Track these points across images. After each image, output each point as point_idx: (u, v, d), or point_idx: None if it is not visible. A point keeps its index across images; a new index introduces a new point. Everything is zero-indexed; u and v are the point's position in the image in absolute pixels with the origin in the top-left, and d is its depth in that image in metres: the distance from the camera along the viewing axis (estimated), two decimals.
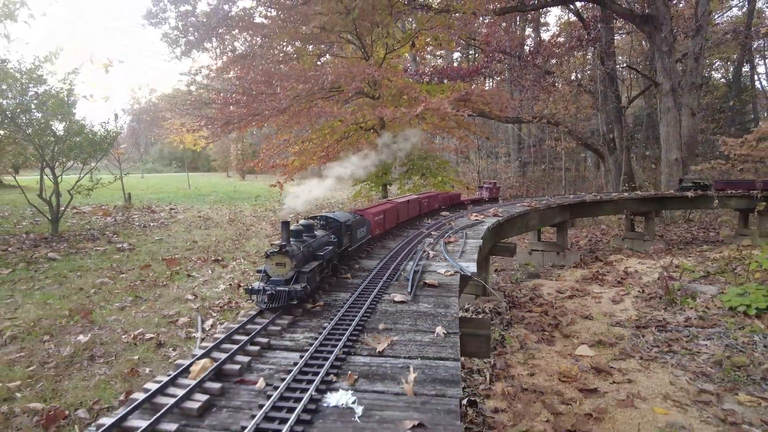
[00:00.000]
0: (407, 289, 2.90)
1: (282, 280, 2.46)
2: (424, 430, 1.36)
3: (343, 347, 1.97)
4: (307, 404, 1.49)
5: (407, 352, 1.95)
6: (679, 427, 3.73)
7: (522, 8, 19.10)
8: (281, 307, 2.41)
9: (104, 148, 12.10)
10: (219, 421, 1.48)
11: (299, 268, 2.53)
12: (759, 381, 4.38)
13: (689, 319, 5.88)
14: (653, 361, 4.93)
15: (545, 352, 5.19)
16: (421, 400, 1.53)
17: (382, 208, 4.87)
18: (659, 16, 17.67)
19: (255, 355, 1.96)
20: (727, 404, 4.06)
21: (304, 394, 1.56)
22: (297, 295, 2.39)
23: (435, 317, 2.41)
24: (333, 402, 1.51)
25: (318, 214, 3.50)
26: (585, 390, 4.37)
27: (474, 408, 4.03)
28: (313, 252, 2.82)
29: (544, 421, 3.87)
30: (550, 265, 9.18)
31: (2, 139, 10.47)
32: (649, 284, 7.43)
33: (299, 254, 2.59)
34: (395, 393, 1.58)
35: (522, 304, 6.70)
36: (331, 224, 3.41)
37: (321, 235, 3.13)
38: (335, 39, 14.97)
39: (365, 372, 1.78)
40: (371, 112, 12.67)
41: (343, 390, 1.59)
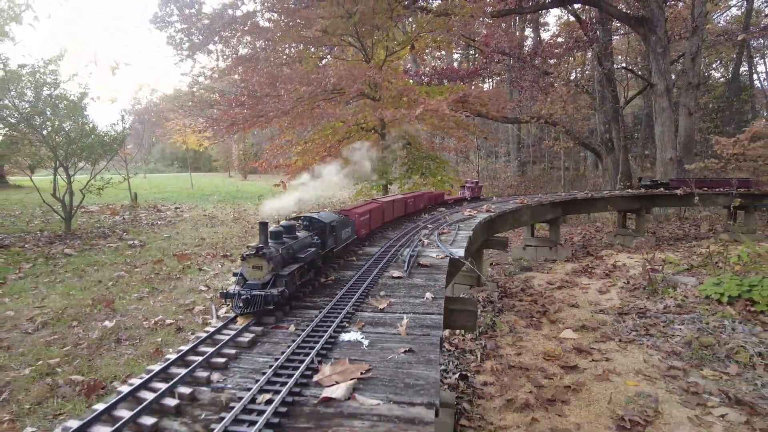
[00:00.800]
0: (404, 268, 3.41)
1: (259, 283, 2.39)
2: (413, 354, 1.86)
3: (352, 306, 2.50)
4: (327, 339, 2.00)
5: (402, 309, 2.45)
6: (647, 396, 4.24)
7: (520, 11, 19.62)
8: (257, 313, 2.34)
9: (114, 148, 12.62)
10: (264, 350, 2.00)
11: (277, 271, 2.47)
12: (723, 358, 4.89)
13: (668, 307, 6.39)
14: (631, 343, 5.44)
15: (532, 336, 5.71)
16: (411, 337, 2.04)
17: (367, 208, 4.82)
18: (653, 19, 18.18)
19: (285, 312, 2.50)
20: (692, 378, 4.57)
21: (324, 333, 2.07)
22: (274, 300, 2.32)
23: (425, 288, 2.92)
24: (346, 338, 2.02)
25: (302, 215, 3.44)
26: (566, 367, 4.88)
27: (465, 381, 4.54)
28: (293, 254, 2.75)
29: (527, 392, 4.38)
30: (542, 260, 9.70)
31: (18, 140, 10.99)
32: (634, 276, 7.95)
33: (277, 257, 2.52)
34: (392, 333, 2.09)
35: (513, 294, 7.22)
36: (315, 225, 3.35)
37: (303, 236, 3.07)
38: (337, 42, 15.48)
39: (370, 321, 2.30)
40: (372, 114, 13.18)
41: (353, 332, 2.10)
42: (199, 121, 15.95)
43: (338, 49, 16.89)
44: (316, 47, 15.97)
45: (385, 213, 5.46)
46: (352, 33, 15.01)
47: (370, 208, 4.89)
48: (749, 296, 6.16)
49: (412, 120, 12.36)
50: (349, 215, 4.22)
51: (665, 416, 3.93)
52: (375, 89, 14.40)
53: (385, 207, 5.48)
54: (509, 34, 23.41)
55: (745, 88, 30.15)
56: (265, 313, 2.34)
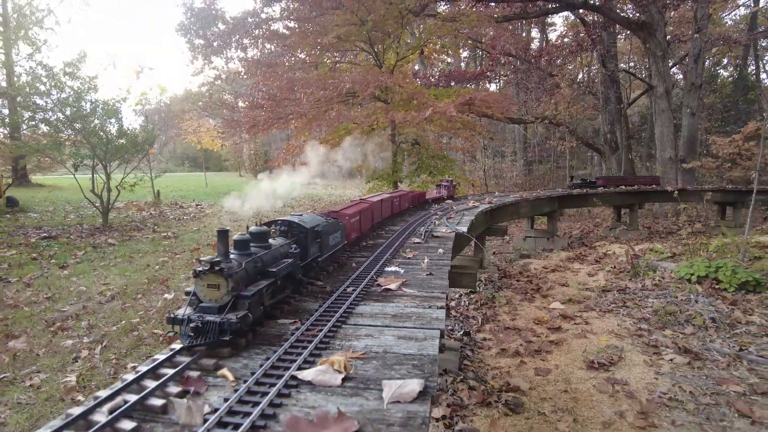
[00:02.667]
0: (422, 237, 4.56)
1: (215, 306, 2.00)
2: (432, 276, 3.00)
3: (390, 255, 3.65)
4: (377, 271, 3.15)
5: (422, 257, 3.60)
6: (614, 347, 5.36)
7: (524, 16, 20.73)
8: (211, 344, 1.92)
9: (144, 148, 13.86)
10: (344, 272, 3.15)
11: (239, 290, 2.08)
12: (682, 322, 5.99)
13: (645, 286, 7.50)
14: (609, 312, 6.56)
15: (526, 307, 6.84)
16: (430, 270, 3.19)
17: (357, 209, 4.45)
18: (653, 23, 19.18)
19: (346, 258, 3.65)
20: (654, 336, 5.68)
21: (374, 268, 3.22)
22: (232, 328, 1.91)
23: (437, 248, 4.06)
24: (390, 269, 3.18)
25: (280, 219, 3.05)
26: (552, 328, 6.01)
27: (468, 336, 5.69)
28: (263, 268, 2.37)
29: (518, 345, 5.51)
30: (541, 249, 10.79)
31: (63, 141, 12.25)
32: (620, 262, 9.05)
33: (240, 272, 2.14)
34: (418, 268, 3.24)
35: (512, 275, 8.35)
36: (294, 231, 2.96)
37: (278, 244, 2.70)
38: (350, 47, 16.67)
39: (403, 263, 3.45)
40: (384, 116, 14.34)
41: (394, 267, 3.26)
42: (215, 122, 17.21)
43: (351, 54, 18.07)
44: (330, 52, 17.17)
45: (374, 214, 5.09)
46: (365, 39, 16.17)
47: (360, 209, 4.50)
48: (715, 276, 7.26)
49: (421, 122, 13.48)
50: (339, 217, 3.84)
51: (626, 360, 5.06)
52: (386, 93, 15.53)
53: (374, 208, 5.07)
54: (516, 36, 24.50)
55: (752, 87, 30.83)
56: (220, 344, 1.91)
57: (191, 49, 17.59)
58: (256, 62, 16.39)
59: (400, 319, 2.27)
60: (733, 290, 6.93)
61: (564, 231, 13.01)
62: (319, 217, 3.36)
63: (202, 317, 1.91)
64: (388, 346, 1.93)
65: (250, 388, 1.61)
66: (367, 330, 2.13)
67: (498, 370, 4.88)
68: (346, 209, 4.23)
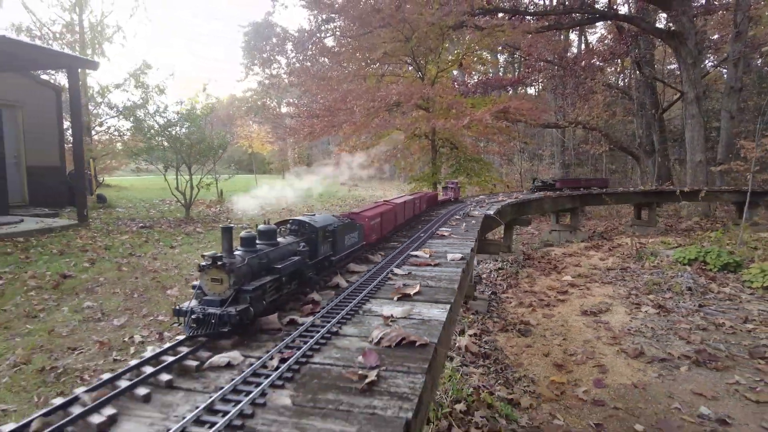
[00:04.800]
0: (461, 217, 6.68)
1: (218, 299, 2.14)
2: (467, 232, 5.10)
3: (430, 231, 5.77)
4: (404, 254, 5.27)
5: (460, 228, 5.70)
6: (605, 303, 7.33)
7: (559, 26, 22.46)
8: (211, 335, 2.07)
9: (218, 153, 16.49)
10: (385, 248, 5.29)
11: (241, 284, 2.23)
12: (665, 290, 7.87)
13: (644, 266, 9.36)
14: (608, 284, 8.50)
15: (543, 279, 8.84)
16: (466, 231, 5.29)
17: (378, 211, 4.61)
18: (684, 32, 20.61)
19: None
20: (640, 298, 7.60)
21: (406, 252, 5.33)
22: (231, 321, 2.05)
23: (470, 222, 6.15)
24: (440, 231, 5.30)
25: (291, 218, 3.23)
26: (560, 292, 8.01)
27: (495, 295, 7.76)
28: (268, 264, 2.55)
29: (532, 301, 7.55)
30: (564, 241, 12.66)
31: (155, 146, 14.96)
32: (630, 250, 10.88)
33: (243, 268, 2.28)
34: (460, 230, 5.35)
35: (534, 258, 10.33)
36: (304, 230, 3.14)
37: (286, 242, 2.87)
38: (396, 61, 18.94)
39: (450, 226, 5.55)
40: (425, 123, 16.49)
41: (444, 228, 5.39)
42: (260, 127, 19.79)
43: (396, 67, 20.32)
44: (378, 66, 19.50)
45: (397, 216, 5.28)
46: (409, 54, 18.36)
47: (382, 210, 4.67)
48: (704, 259, 9.06)
49: (459, 128, 15.50)
50: (357, 218, 4.04)
51: (612, 311, 7.03)
52: (428, 102, 17.64)
53: (398, 210, 5.28)
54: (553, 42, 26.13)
55: None
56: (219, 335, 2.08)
57: (248, 59, 20.35)
58: (311, 76, 18.84)
59: (451, 244, 4.41)
60: (717, 270, 8.73)
61: (590, 228, 14.79)
62: (332, 217, 3.48)
63: (204, 309, 2.06)
64: (447, 250, 4.08)
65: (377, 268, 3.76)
66: (436, 247, 4.29)
67: (515, 314, 6.95)
68: (365, 211, 4.44)
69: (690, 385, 4.77)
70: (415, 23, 16.43)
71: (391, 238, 4.90)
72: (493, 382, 4.79)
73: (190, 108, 15.97)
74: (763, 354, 5.38)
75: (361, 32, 18.03)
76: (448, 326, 2.29)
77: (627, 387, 4.79)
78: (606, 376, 5.02)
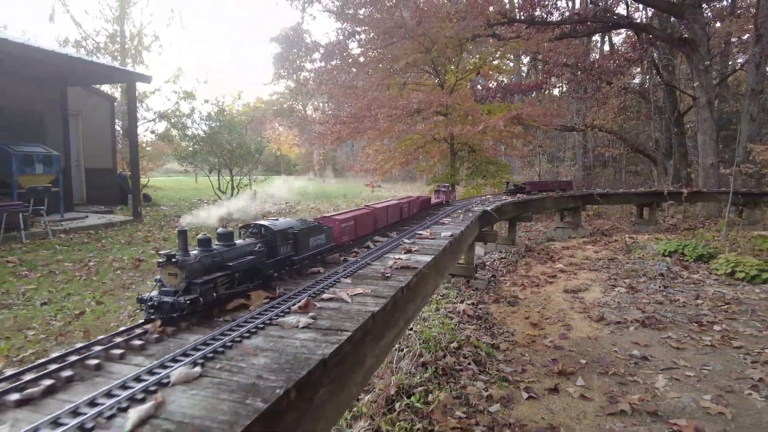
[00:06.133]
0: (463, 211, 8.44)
1: (172, 290, 2.55)
2: (463, 218, 6.85)
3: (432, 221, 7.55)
4: (413, 234, 7.05)
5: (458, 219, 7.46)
6: (585, 284, 9.00)
7: (574, 35, 23.91)
8: (167, 320, 2.47)
9: (255, 158, 18.58)
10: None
11: (192, 278, 2.61)
12: (640, 275, 9.49)
13: (630, 258, 10.96)
14: (594, 270, 10.14)
15: (538, 267, 10.53)
16: (462, 218, 7.05)
17: (352, 214, 5.03)
18: (696, 39, 21.87)
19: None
20: (617, 282, 9.23)
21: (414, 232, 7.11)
22: (180, 308, 2.46)
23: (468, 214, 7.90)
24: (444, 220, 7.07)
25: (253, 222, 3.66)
26: (550, 276, 9.71)
27: (493, 277, 9.51)
28: (222, 262, 2.91)
29: (525, 282, 9.26)
30: (566, 237, 14.25)
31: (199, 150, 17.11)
32: (623, 245, 12.45)
33: (195, 264, 2.66)
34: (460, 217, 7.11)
35: (534, 250, 12.01)
36: (263, 233, 3.51)
37: (243, 244, 3.23)
38: (417, 71, 20.75)
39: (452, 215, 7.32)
40: (444, 129, 18.24)
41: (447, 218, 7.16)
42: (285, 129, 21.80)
43: (417, 76, 22.13)
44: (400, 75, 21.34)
45: (377, 219, 5.74)
46: (429, 64, 20.12)
47: (357, 214, 5.13)
48: (682, 251, 10.62)
49: (475, 134, 17.18)
50: (327, 222, 4.49)
51: (590, 290, 8.71)
52: (447, 109, 19.36)
53: (377, 213, 5.77)
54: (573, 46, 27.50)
55: None
56: (172, 320, 2.48)
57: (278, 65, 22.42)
58: (339, 85, 20.79)
59: (448, 227, 6.20)
60: (692, 260, 10.30)
61: (596, 226, 16.35)
62: (293, 221, 3.87)
63: (159, 298, 2.49)
64: (444, 230, 5.86)
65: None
66: (436, 228, 6.08)
67: (508, 291, 8.69)
68: (339, 215, 4.86)
69: (632, 338, 6.46)
70: (435, 36, 18.19)
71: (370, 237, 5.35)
72: (481, 333, 6.57)
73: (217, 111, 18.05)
74: (700, 321, 7.02)
75: (385, 44, 19.85)
76: (431, 264, 4.10)
77: (583, 339, 6.51)
78: (570, 332, 6.74)
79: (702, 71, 22.09)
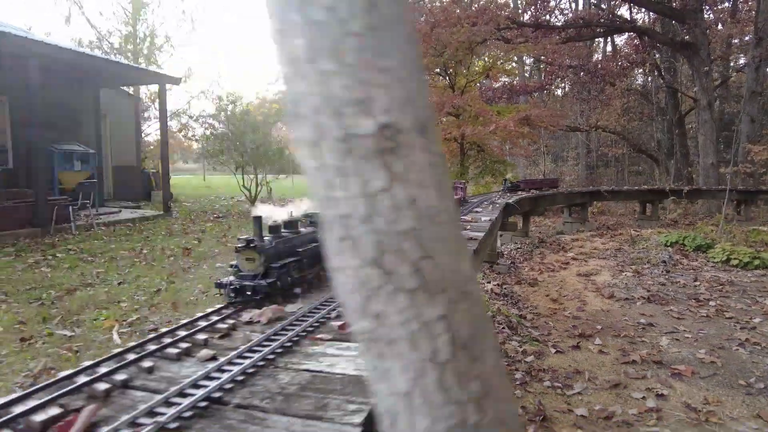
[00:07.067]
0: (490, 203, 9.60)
1: (251, 274, 2.71)
2: (493, 209, 8.01)
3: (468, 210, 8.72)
4: (469, 209, 8.22)
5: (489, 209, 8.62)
6: (596, 269, 10.18)
7: (578, 38, 25.13)
8: (247, 301, 2.65)
9: (277, 157, 19.68)
10: None
11: (270, 263, 2.76)
12: (645, 263, 10.67)
13: (635, 248, 12.15)
14: (603, 259, 11.33)
15: (551, 256, 11.72)
16: (492, 209, 8.21)
17: None
18: (697, 43, 23.07)
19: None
20: (624, 267, 10.41)
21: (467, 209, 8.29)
22: (262, 291, 2.63)
23: (495, 205, 9.06)
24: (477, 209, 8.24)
25: (310, 211, 3.76)
26: (564, 263, 10.89)
27: (513, 264, 10.69)
28: (291, 248, 3.08)
29: (541, 267, 10.44)
30: (575, 231, 15.45)
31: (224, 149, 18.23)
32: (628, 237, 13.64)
33: (270, 249, 2.83)
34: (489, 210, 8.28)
35: (546, 241, 13.21)
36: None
37: (307, 231, 3.42)
38: (429, 73, 21.92)
39: (482, 206, 8.49)
40: (456, 129, 19.41)
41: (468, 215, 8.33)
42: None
43: (429, 78, 23.33)
44: None
45: None
46: (441, 66, 21.30)
47: None
48: (683, 242, 11.81)
49: (486, 134, 18.35)
50: None
51: (600, 274, 9.89)
52: (458, 110, 20.51)
53: None
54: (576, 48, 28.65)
55: None
56: (253, 302, 2.64)
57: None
58: None
59: (483, 215, 7.36)
60: (691, 250, 11.48)
61: (602, 222, 17.57)
62: None
63: (240, 282, 2.69)
64: (482, 216, 7.03)
65: None
66: (474, 215, 7.26)
67: (527, 275, 9.87)
68: None
69: (639, 311, 7.63)
70: (447, 40, 19.35)
71: None
72: (509, 307, 7.73)
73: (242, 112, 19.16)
74: (697, 298, 8.20)
75: None
76: (483, 240, 5.27)
77: (597, 311, 7.68)
78: (585, 306, 7.91)
79: (703, 74, 23.30)
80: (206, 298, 7.34)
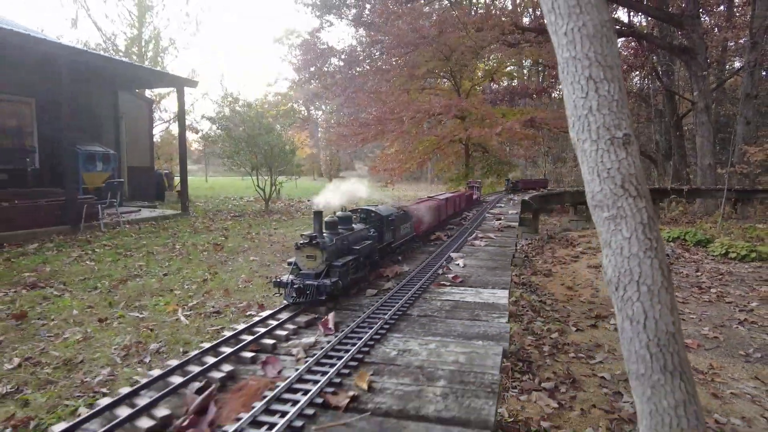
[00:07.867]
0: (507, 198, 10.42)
1: (312, 273, 2.59)
2: (513, 206, 8.83)
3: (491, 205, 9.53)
4: (486, 212, 9.02)
5: (509, 205, 9.43)
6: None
7: None
8: (308, 303, 2.54)
9: (290, 159, 20.43)
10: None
11: (331, 261, 2.65)
12: None
13: None
14: None
15: (561, 250, 12.56)
16: (514, 204, 9.04)
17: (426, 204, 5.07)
18: (695, 47, 24.03)
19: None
20: None
21: (484, 213, 9.09)
22: (327, 291, 2.51)
23: (516, 203, 9.87)
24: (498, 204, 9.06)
25: (359, 207, 3.73)
26: (574, 257, 11.73)
27: (527, 259, 11.52)
28: (348, 246, 2.97)
29: (552, 261, 11.27)
30: (581, 228, 16.33)
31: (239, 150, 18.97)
32: None
33: (332, 247, 2.71)
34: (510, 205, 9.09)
35: (555, 238, 14.08)
36: (371, 218, 3.56)
37: (359, 228, 3.30)
38: (436, 77, 22.80)
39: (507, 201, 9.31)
40: (462, 131, 20.26)
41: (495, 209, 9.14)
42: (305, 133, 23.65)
43: (434, 81, 24.23)
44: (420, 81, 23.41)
45: (440, 212, 5.89)
46: (447, 70, 22.15)
47: (429, 205, 5.14)
48: (684, 237, 12.69)
49: (493, 136, 19.19)
50: (408, 211, 4.45)
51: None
52: (464, 112, 21.35)
53: (441, 205, 5.85)
54: None
55: None
56: (317, 303, 2.55)
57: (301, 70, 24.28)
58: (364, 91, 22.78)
59: (506, 209, 8.17)
60: (692, 245, 12.35)
61: None
62: (391, 208, 3.92)
63: (303, 281, 2.59)
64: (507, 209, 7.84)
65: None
66: (499, 209, 8.08)
67: (542, 267, 10.70)
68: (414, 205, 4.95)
69: None
70: (454, 45, 20.21)
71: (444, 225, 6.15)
72: (529, 294, 8.55)
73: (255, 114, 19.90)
74: (700, 285, 9.05)
75: (406, 51, 21.81)
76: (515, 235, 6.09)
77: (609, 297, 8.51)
78: (598, 293, 8.74)
79: (700, 78, 24.26)
80: (252, 286, 8.07)
